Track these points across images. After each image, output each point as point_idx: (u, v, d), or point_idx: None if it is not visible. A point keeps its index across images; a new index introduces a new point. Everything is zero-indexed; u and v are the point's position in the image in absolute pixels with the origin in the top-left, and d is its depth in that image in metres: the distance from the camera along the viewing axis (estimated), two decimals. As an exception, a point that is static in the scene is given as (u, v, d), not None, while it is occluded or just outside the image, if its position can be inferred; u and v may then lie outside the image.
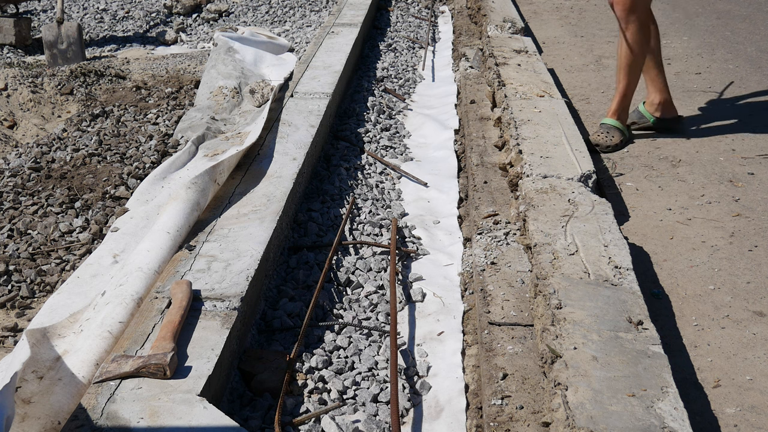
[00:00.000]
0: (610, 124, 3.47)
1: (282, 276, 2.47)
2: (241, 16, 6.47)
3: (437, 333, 2.28)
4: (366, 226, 2.85)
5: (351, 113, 3.99)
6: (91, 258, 2.37)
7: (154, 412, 1.58)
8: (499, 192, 2.99)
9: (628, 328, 1.83)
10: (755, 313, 2.23)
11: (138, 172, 3.15)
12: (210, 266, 2.15)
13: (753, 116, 3.77)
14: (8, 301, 2.39)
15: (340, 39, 4.69)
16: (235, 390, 1.91)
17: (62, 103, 4.41)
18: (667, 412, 1.56)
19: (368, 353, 2.14)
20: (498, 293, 2.25)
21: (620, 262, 2.12)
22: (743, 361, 2.03)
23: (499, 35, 4.70)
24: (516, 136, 3.04)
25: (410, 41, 5.63)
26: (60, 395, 1.74)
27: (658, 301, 2.32)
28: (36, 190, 3.02)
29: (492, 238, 2.56)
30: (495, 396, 1.84)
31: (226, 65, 4.19)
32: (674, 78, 4.44)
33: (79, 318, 2.03)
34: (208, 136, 3.35)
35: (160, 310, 1.94)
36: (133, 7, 6.85)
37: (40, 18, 6.65)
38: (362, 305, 2.38)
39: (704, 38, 5.28)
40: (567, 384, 1.64)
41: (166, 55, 5.62)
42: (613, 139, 3.41)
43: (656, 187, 3.06)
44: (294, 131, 3.17)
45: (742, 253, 2.55)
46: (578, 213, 2.42)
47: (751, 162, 3.24)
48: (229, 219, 2.44)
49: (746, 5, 6.14)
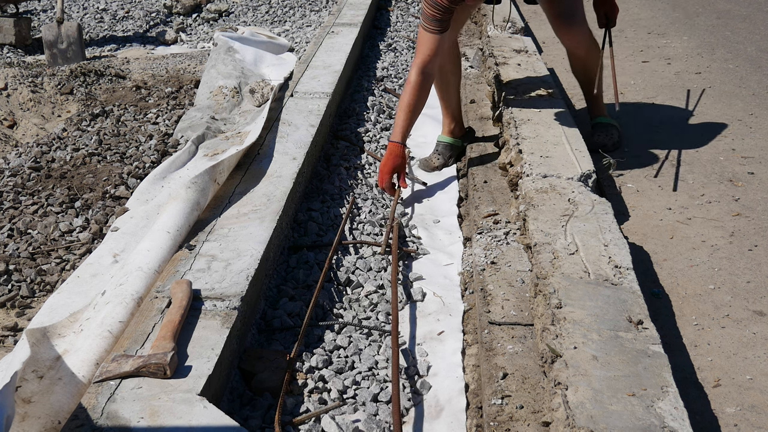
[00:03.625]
0: (605, 122, 3.48)
1: (282, 275, 2.47)
2: (241, 16, 6.47)
3: (437, 332, 2.28)
4: (366, 225, 2.85)
5: (351, 113, 3.99)
6: (91, 257, 2.37)
7: (154, 412, 1.58)
8: (499, 191, 2.99)
9: (628, 328, 1.83)
10: (755, 312, 2.23)
11: (138, 172, 3.15)
12: (210, 266, 2.15)
13: (753, 116, 3.77)
14: (8, 301, 2.39)
15: (340, 39, 4.69)
16: (235, 389, 1.91)
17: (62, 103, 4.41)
18: (667, 412, 1.56)
19: (368, 353, 2.14)
20: (498, 293, 2.25)
21: (620, 261, 2.12)
22: (743, 361, 2.03)
23: (499, 35, 4.70)
24: (516, 136, 3.04)
25: (410, 41, 5.63)
26: (60, 395, 1.74)
27: (658, 301, 2.32)
28: (36, 190, 3.02)
29: (492, 237, 2.56)
30: (495, 395, 1.84)
31: (226, 65, 4.19)
32: (674, 78, 4.44)
33: (79, 317, 2.03)
34: (208, 135, 3.35)
35: (160, 310, 1.94)
36: (133, 7, 6.85)
37: (40, 18, 6.65)
38: (362, 305, 2.38)
39: (704, 38, 5.29)
40: (567, 383, 1.64)
41: (166, 55, 5.62)
42: (614, 137, 3.42)
43: (656, 187, 3.06)
44: (294, 131, 3.17)
45: (742, 253, 2.55)
46: (578, 212, 2.42)
47: (751, 162, 3.24)
48: (229, 218, 2.44)
49: (746, 5, 6.14)
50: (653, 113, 3.89)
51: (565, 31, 3.28)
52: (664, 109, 3.94)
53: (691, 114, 3.86)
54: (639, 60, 4.81)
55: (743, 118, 3.74)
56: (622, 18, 5.73)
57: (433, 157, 3.46)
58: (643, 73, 4.55)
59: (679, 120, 3.77)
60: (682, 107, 3.96)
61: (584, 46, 3.33)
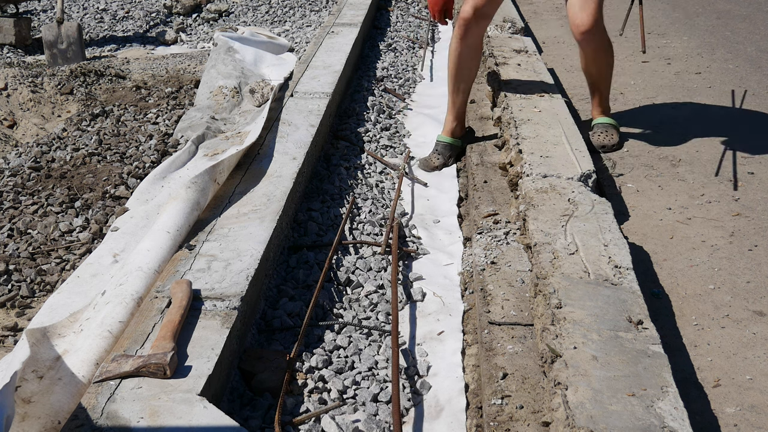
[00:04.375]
0: (606, 123, 3.48)
1: (282, 275, 2.47)
2: (241, 16, 6.47)
3: (437, 332, 2.28)
4: (366, 225, 2.85)
5: (351, 113, 3.99)
6: (91, 257, 2.37)
7: (154, 412, 1.58)
8: (499, 191, 2.99)
9: (628, 328, 1.83)
10: (755, 312, 2.23)
11: (138, 172, 3.15)
12: (210, 266, 2.15)
13: (753, 116, 3.77)
14: (8, 301, 2.39)
15: (340, 39, 4.69)
16: (235, 389, 1.91)
17: (62, 103, 4.41)
18: (667, 412, 1.56)
19: (368, 353, 2.14)
20: (498, 293, 2.25)
21: (620, 261, 2.12)
22: (743, 361, 2.03)
23: (499, 35, 4.70)
24: (516, 136, 3.04)
25: (410, 41, 5.63)
26: (60, 395, 1.74)
27: (658, 301, 2.32)
28: (36, 190, 3.02)
29: (492, 237, 2.56)
30: (495, 395, 1.84)
31: (226, 65, 4.19)
32: (674, 78, 4.44)
33: (79, 317, 2.03)
34: (208, 135, 3.35)
35: (160, 310, 1.94)
36: (133, 7, 6.85)
37: (40, 18, 6.65)
38: (362, 305, 2.38)
39: (704, 38, 5.28)
40: (567, 383, 1.64)
41: (166, 55, 5.62)
42: (614, 138, 3.42)
43: (656, 187, 3.06)
44: (294, 131, 3.17)
45: (742, 253, 2.55)
46: (578, 212, 2.42)
47: (751, 162, 3.24)
48: (229, 218, 2.44)
49: (746, 5, 6.14)
50: (653, 113, 3.89)
51: (579, 22, 3.24)
52: (664, 109, 3.94)
53: (692, 114, 3.86)
54: (639, 60, 4.81)
55: (743, 118, 3.74)
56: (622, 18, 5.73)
57: (433, 156, 3.46)
58: (643, 73, 4.55)
59: (679, 120, 3.77)
60: (682, 107, 3.96)
61: (596, 41, 3.30)
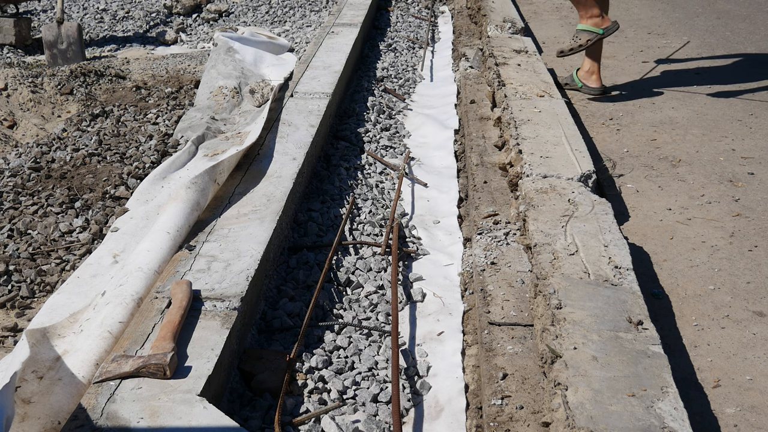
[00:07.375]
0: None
1: (282, 276, 2.47)
2: (241, 16, 6.47)
3: (437, 333, 2.28)
4: (366, 225, 2.85)
5: (351, 113, 3.99)
6: (91, 258, 2.37)
7: (154, 412, 1.58)
8: (499, 192, 2.99)
9: (628, 328, 1.83)
10: (755, 313, 2.23)
11: (138, 172, 3.15)
12: (210, 266, 2.15)
13: (753, 116, 3.77)
14: (8, 301, 2.39)
15: (340, 39, 4.69)
16: (235, 390, 1.91)
17: (62, 103, 4.41)
18: (667, 412, 1.56)
19: (368, 353, 2.14)
20: (498, 293, 2.25)
21: (620, 262, 2.12)
22: (743, 361, 2.03)
23: (499, 35, 4.70)
24: (516, 136, 3.04)
25: (410, 41, 5.63)
26: (60, 395, 1.74)
27: (658, 301, 2.32)
28: (36, 190, 3.02)
29: (492, 238, 2.56)
30: (495, 396, 1.84)
31: (226, 65, 4.19)
32: (674, 77, 4.44)
33: (79, 318, 2.03)
34: (208, 136, 3.35)
35: (160, 310, 1.94)
36: (133, 7, 6.85)
37: (40, 18, 6.65)
38: (362, 305, 2.38)
39: (704, 38, 5.28)
40: (567, 384, 1.64)
41: (166, 55, 5.61)
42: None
43: (656, 187, 3.06)
44: (294, 131, 3.17)
45: (742, 253, 2.55)
46: (578, 213, 2.42)
47: (751, 162, 3.24)
48: (229, 219, 2.44)
49: (746, 5, 6.14)
50: (653, 113, 3.89)
51: None
52: (664, 109, 3.94)
53: (692, 114, 3.86)
54: (639, 60, 4.81)
55: (743, 118, 3.74)
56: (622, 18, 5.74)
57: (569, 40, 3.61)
58: (642, 73, 4.55)
59: (679, 119, 3.77)
60: (682, 107, 3.96)
61: None
